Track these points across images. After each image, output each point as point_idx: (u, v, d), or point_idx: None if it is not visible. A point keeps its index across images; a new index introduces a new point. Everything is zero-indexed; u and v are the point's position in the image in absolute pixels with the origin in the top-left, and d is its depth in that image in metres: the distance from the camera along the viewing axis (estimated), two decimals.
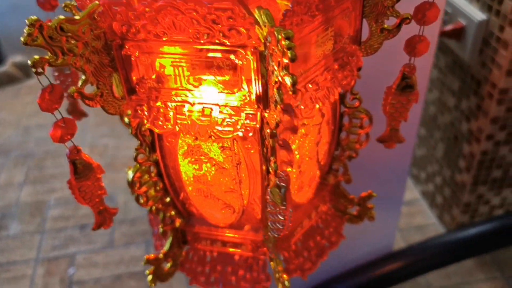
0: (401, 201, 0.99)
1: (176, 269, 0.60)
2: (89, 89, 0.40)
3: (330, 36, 0.42)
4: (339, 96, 0.52)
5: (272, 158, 0.41)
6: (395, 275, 0.97)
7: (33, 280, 1.15)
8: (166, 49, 0.39)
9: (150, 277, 0.58)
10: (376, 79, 0.57)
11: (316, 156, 0.53)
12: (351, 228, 1.00)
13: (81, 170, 0.41)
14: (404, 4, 0.42)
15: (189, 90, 0.41)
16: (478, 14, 0.90)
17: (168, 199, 0.55)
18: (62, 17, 0.34)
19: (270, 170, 0.42)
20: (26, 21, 0.32)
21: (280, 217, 0.41)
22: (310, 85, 0.41)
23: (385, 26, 0.43)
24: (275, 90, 0.34)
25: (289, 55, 0.29)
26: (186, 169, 0.50)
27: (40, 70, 0.34)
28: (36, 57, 0.34)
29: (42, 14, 0.42)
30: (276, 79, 0.33)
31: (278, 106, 0.35)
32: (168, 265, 0.59)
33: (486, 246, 1.00)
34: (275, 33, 0.31)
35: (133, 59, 0.40)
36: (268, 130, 0.39)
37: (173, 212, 0.57)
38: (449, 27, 0.96)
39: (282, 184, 0.39)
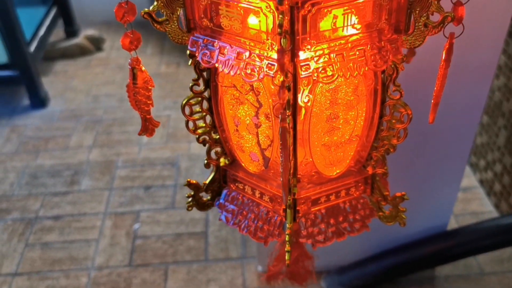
0: (458, 183, 0.99)
1: (213, 203, 0.65)
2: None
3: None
4: (380, 85, 0.52)
5: None
6: (446, 253, 0.98)
7: (102, 231, 1.25)
8: None
9: (188, 200, 0.64)
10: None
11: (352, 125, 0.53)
12: (407, 205, 1.02)
13: (137, 77, 0.49)
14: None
15: (240, 36, 0.45)
16: None
17: (217, 136, 0.61)
18: None
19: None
20: None
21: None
22: (333, 55, 0.43)
23: (429, 21, 0.43)
24: None
25: None
26: (227, 108, 0.56)
27: None
28: None
29: None
30: None
31: None
32: (208, 197, 0.65)
33: None
34: None
35: None
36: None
37: (218, 149, 0.62)
38: None
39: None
